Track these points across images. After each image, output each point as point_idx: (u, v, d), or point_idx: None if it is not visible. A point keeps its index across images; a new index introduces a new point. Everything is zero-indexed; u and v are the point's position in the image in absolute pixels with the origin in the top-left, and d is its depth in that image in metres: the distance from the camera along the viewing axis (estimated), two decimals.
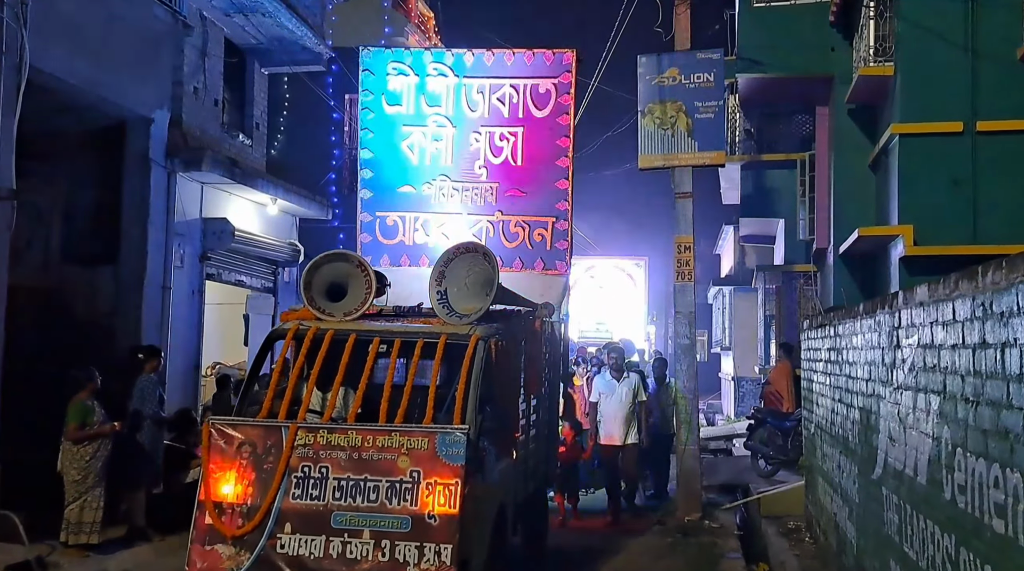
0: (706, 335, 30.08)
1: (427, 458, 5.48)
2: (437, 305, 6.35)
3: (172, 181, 10.95)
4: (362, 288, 6.48)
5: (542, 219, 9.27)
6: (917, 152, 10.89)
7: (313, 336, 6.25)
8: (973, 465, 3.53)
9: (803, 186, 15.53)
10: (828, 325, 7.87)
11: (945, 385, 3.96)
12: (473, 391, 5.77)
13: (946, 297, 3.99)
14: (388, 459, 5.53)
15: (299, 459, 5.61)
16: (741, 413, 19.79)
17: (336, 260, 6.67)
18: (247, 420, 5.95)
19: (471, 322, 6.22)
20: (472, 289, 6.42)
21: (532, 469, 7.67)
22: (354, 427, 5.76)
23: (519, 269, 9.12)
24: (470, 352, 5.91)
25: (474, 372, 5.84)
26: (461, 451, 5.45)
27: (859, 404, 6.15)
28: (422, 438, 5.54)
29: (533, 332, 7.38)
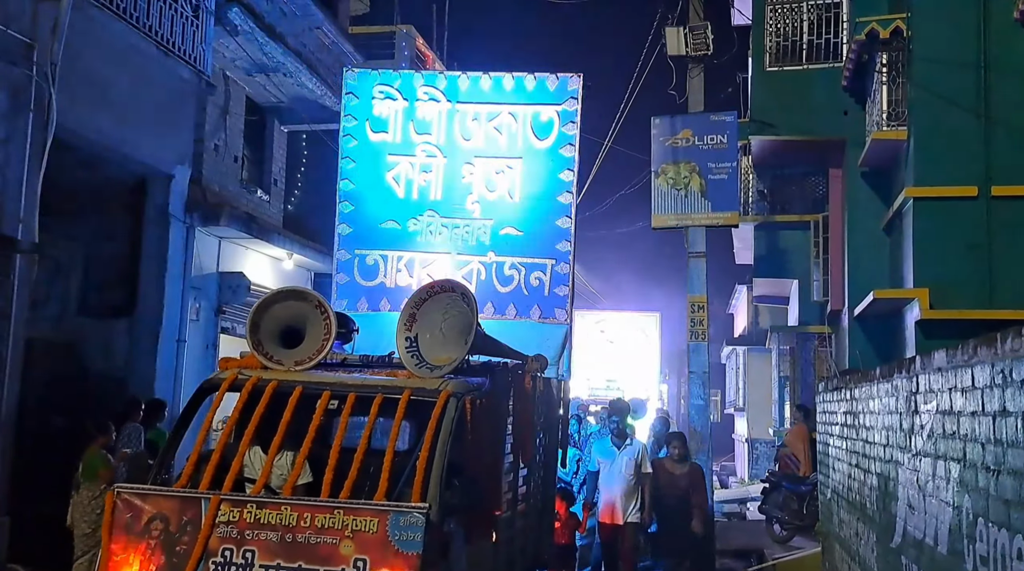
0: (719, 395, 29.89)
1: (376, 544, 4.46)
2: (405, 354, 5.42)
3: (190, 235, 11.08)
4: (320, 333, 5.55)
5: (540, 261, 8.31)
6: (932, 216, 10.91)
7: (252, 388, 5.28)
8: (995, 536, 3.47)
9: (816, 247, 15.55)
10: (844, 388, 7.80)
11: (965, 452, 3.91)
12: (439, 460, 4.80)
13: (964, 363, 3.96)
14: (328, 543, 4.50)
15: (220, 540, 4.57)
16: (755, 475, 19.55)
17: (290, 298, 5.69)
18: (159, 490, 4.88)
19: (443, 375, 5.30)
20: (449, 336, 5.53)
21: (520, 551, 6.66)
22: (288, 502, 4.70)
23: (513, 317, 8.21)
24: (437, 411, 4.95)
25: (441, 436, 4.88)
26: (418, 536, 4.44)
27: (877, 470, 6.07)
28: (371, 518, 4.51)
29: (522, 389, 6.36)
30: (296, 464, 5.03)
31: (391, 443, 4.92)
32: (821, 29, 14.11)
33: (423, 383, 5.24)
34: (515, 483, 6.40)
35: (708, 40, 13.26)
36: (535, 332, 7.98)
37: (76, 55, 8.62)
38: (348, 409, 5.09)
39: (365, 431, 4.94)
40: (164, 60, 10.23)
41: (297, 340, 5.57)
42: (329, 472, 4.82)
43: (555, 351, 7.95)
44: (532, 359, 6.48)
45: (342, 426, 5.02)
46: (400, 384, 5.26)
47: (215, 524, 4.60)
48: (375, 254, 8.53)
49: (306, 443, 5.01)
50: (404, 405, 5.03)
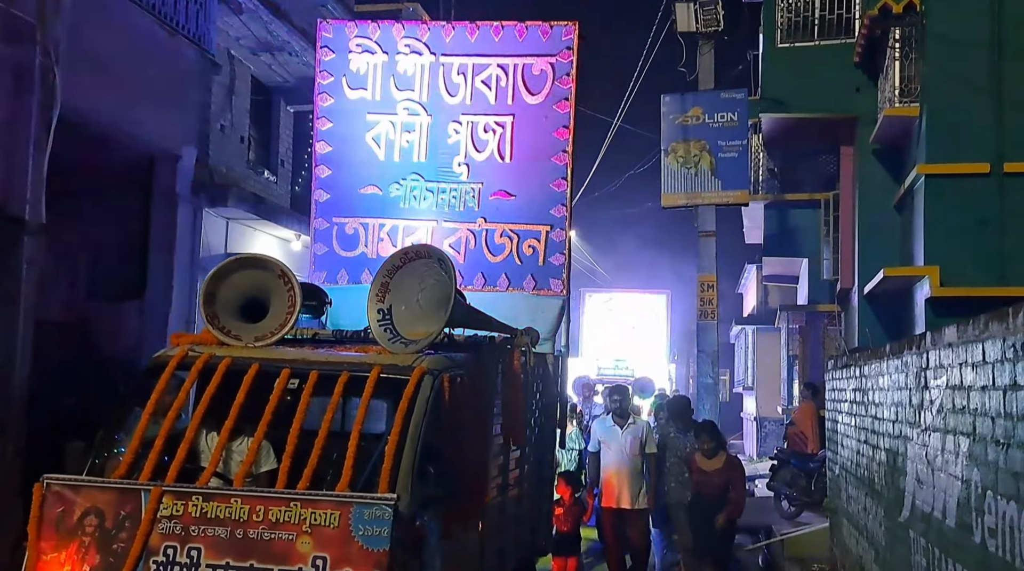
0: (728, 374, 29.87)
1: (338, 540, 3.99)
2: (377, 328, 4.93)
3: (198, 217, 11.08)
4: (284, 306, 5.03)
5: (534, 228, 7.68)
6: (943, 193, 10.83)
7: (203, 366, 4.80)
8: (1004, 508, 3.46)
9: (827, 226, 15.45)
10: (853, 365, 7.78)
11: (975, 427, 3.89)
12: (411, 444, 4.31)
13: (975, 338, 3.93)
14: (284, 540, 4.03)
15: (162, 537, 4.09)
16: (763, 453, 19.55)
17: (250, 267, 5.16)
18: (93, 481, 4.35)
19: (418, 351, 4.81)
20: (426, 308, 5.04)
21: (513, 540, 6.20)
22: (239, 493, 4.20)
23: (505, 289, 7.59)
24: (410, 390, 4.48)
25: (414, 418, 4.40)
26: (385, 531, 3.96)
27: (885, 445, 6.06)
28: (331, 511, 4.04)
29: (512, 365, 5.85)
30: (250, 450, 4.52)
31: (356, 426, 4.44)
32: (833, 4, 13.97)
33: (395, 359, 4.76)
34: (505, 467, 5.93)
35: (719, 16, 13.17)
36: (529, 305, 7.41)
37: (80, 35, 8.58)
38: (309, 389, 4.58)
39: (327, 413, 4.46)
40: (168, 40, 10.18)
41: (260, 314, 5.07)
42: (286, 459, 4.36)
43: (551, 325, 7.40)
44: (522, 333, 5.98)
45: (301, 407, 4.53)
46: (369, 361, 4.78)
47: (156, 519, 4.12)
48: (355, 222, 7.90)
49: (261, 427, 4.51)
50: (372, 384, 4.58)
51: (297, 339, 5.41)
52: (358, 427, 4.44)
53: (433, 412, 4.55)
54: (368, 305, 4.98)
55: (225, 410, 4.59)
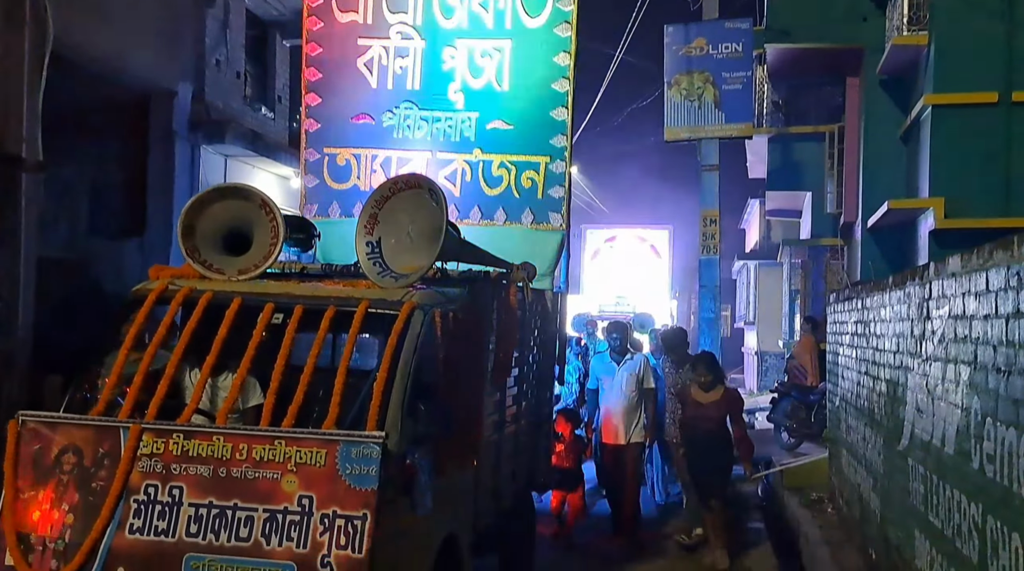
0: (730, 310, 29.95)
1: (324, 479, 3.91)
2: (366, 262, 4.79)
3: (196, 154, 11.00)
4: (267, 238, 4.88)
5: (533, 159, 7.36)
6: (950, 123, 10.70)
7: (184, 300, 4.66)
8: (1003, 435, 3.48)
9: (831, 159, 15.32)
10: (855, 298, 7.79)
11: (976, 355, 3.90)
12: (400, 381, 4.20)
13: (979, 267, 3.92)
14: (268, 479, 3.95)
15: (142, 475, 4.02)
16: (764, 388, 19.71)
17: (230, 197, 4.97)
18: (71, 417, 4.25)
19: (408, 285, 4.67)
20: (418, 241, 4.86)
21: (510, 476, 6.13)
22: (221, 431, 4.12)
23: (502, 223, 7.35)
24: (399, 325, 4.33)
25: (403, 354, 4.27)
26: (373, 469, 3.88)
27: (886, 376, 6.09)
28: (317, 450, 3.96)
29: (507, 301, 5.64)
30: (233, 386, 4.38)
31: (343, 362, 4.31)
32: None
33: (385, 294, 4.61)
34: (501, 404, 5.80)
35: None
36: (527, 239, 7.22)
37: None
38: (294, 324, 4.45)
39: (313, 349, 4.33)
40: None
41: (243, 247, 4.91)
42: (271, 396, 4.24)
43: (549, 260, 7.22)
44: (518, 268, 5.77)
45: (286, 342, 4.38)
46: (356, 295, 4.64)
47: (136, 457, 4.03)
48: (346, 153, 7.58)
49: (244, 362, 4.37)
50: (360, 319, 4.44)
51: (285, 273, 5.28)
52: (345, 363, 4.31)
53: (424, 348, 4.40)
54: (356, 238, 4.85)
55: (209, 346, 4.46)
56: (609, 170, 31.72)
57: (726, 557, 7.27)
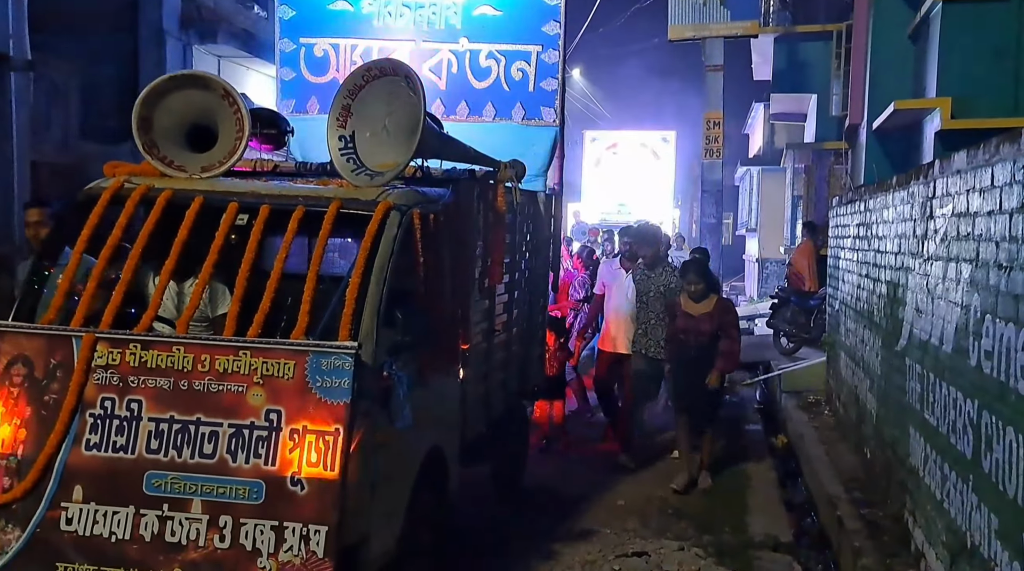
0: (732, 218, 29.82)
1: (293, 392, 3.68)
2: (339, 158, 4.44)
3: (188, 54, 10.77)
4: (233, 132, 4.50)
5: (524, 48, 6.94)
6: (960, 20, 10.38)
7: (141, 200, 4.27)
8: (1002, 330, 3.48)
9: (838, 59, 14.97)
10: (859, 200, 7.71)
11: (978, 252, 3.87)
12: (374, 287, 3.92)
13: (985, 162, 3.85)
14: (233, 392, 3.71)
15: (98, 388, 3.76)
16: (764, 294, 19.78)
17: (188, 86, 4.54)
18: (19, 326, 3.98)
19: (384, 183, 4.35)
20: (396, 135, 4.48)
21: (500, 384, 5.89)
22: (182, 340, 3.85)
23: (492, 119, 6.96)
24: (373, 227, 4.03)
25: (379, 258, 3.98)
26: (345, 382, 3.64)
27: (886, 278, 6.08)
28: (285, 361, 3.71)
29: (494, 202, 5.30)
30: (193, 293, 4.09)
31: (312, 267, 4.01)
32: None
33: (359, 193, 4.29)
34: (490, 311, 5.52)
35: None
36: (518, 136, 6.81)
37: None
38: (260, 225, 4.11)
39: (280, 253, 4.06)
40: None
41: (209, 143, 4.54)
42: (234, 304, 3.96)
43: (542, 159, 6.83)
44: (506, 166, 5.35)
45: (251, 245, 4.06)
46: (328, 194, 4.31)
47: (91, 368, 3.77)
48: (324, 43, 7.12)
49: (206, 267, 4.07)
50: (331, 220, 4.10)
51: (256, 172, 4.99)
52: (315, 268, 4.00)
53: (402, 251, 4.13)
54: (328, 131, 4.46)
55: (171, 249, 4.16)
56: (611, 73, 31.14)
57: (709, 479, 6.86)
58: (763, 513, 6.26)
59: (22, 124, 8.08)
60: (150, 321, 4.00)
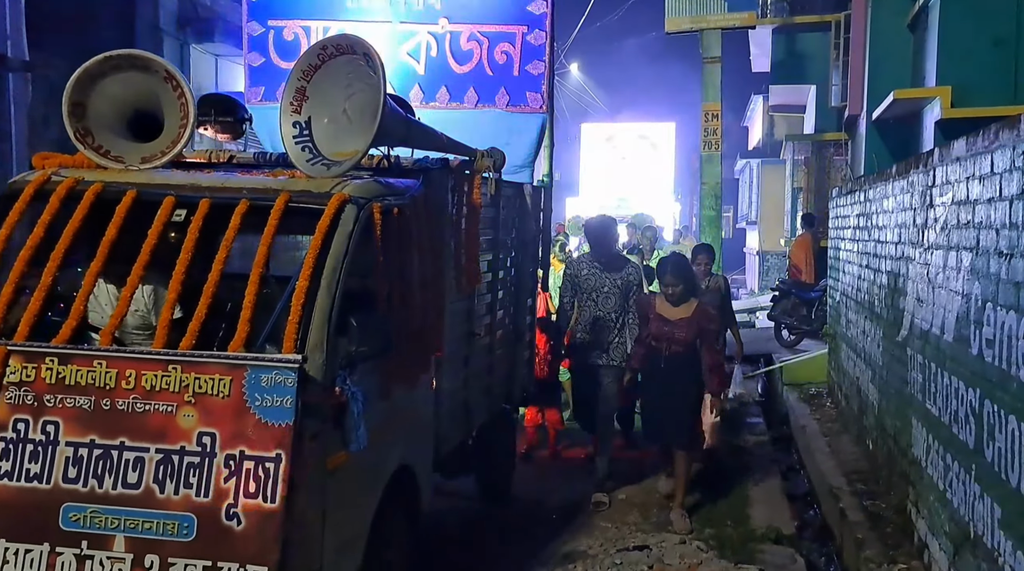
0: (732, 211, 29.79)
1: (229, 412, 3.22)
2: (293, 147, 4.01)
3: (185, 53, 10.74)
4: (177, 119, 4.07)
5: (507, 29, 6.49)
6: (959, 9, 10.34)
7: (68, 194, 3.81)
8: (1003, 318, 3.46)
9: (837, 50, 14.93)
10: (858, 191, 7.69)
11: (978, 240, 3.85)
12: (326, 291, 3.48)
13: (985, 149, 3.83)
14: (161, 412, 3.25)
15: (10, 408, 3.32)
16: (765, 287, 19.77)
17: (126, 68, 4.04)
18: None
19: (340, 174, 3.92)
20: (358, 122, 4.03)
21: (483, 391, 5.47)
22: (105, 353, 3.37)
23: (474, 105, 6.53)
24: (324, 223, 3.59)
25: (331, 258, 3.54)
26: (288, 400, 3.19)
27: (887, 268, 6.06)
28: (221, 376, 3.25)
29: (470, 195, 4.81)
30: (121, 299, 3.59)
31: (255, 269, 3.52)
32: None
33: (311, 185, 3.86)
34: (471, 314, 5.14)
35: None
36: (503, 124, 6.37)
37: None
38: (198, 221, 3.65)
39: (220, 253, 3.58)
40: None
41: (154, 131, 4.12)
42: (166, 310, 3.49)
43: (529, 148, 6.40)
44: (482, 154, 4.89)
45: (187, 245, 3.61)
46: (276, 186, 3.85)
47: (3, 385, 3.34)
48: (294, 25, 6.75)
49: (136, 270, 3.58)
50: (278, 215, 3.64)
51: (209, 163, 4.58)
52: (257, 269, 3.52)
53: (360, 249, 3.68)
54: (281, 117, 4.03)
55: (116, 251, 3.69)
56: (609, 66, 31.08)
57: (686, 520, 5.70)
58: (765, 505, 6.24)
59: (20, 124, 8.07)
60: (70, 331, 3.50)
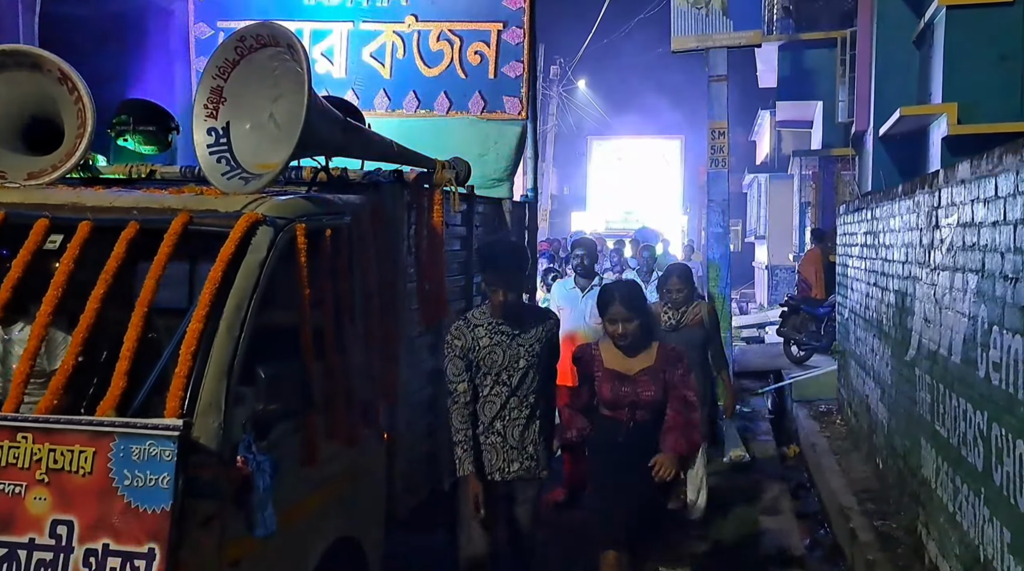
0: (740, 224, 29.79)
1: (91, 494, 2.54)
2: (207, 158, 3.38)
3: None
4: (75, 127, 3.58)
5: (482, 26, 5.91)
6: (964, 25, 10.38)
7: None
8: (1009, 342, 3.46)
9: (843, 66, 14.97)
10: (865, 208, 7.70)
11: (984, 263, 3.86)
12: (226, 335, 2.81)
13: (989, 173, 3.84)
14: (5, 494, 2.58)
15: None
16: (774, 302, 19.73)
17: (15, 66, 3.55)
18: None
19: (257, 190, 3.26)
20: (287, 128, 3.35)
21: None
22: None
23: (445, 112, 5.94)
24: (228, 250, 2.93)
25: (236, 292, 2.88)
26: (166, 478, 2.51)
27: (895, 287, 6.06)
28: (81, 448, 2.56)
29: (429, 213, 4.13)
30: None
31: (138, 308, 2.86)
32: None
33: (218, 203, 3.21)
34: (438, 349, 4.26)
35: None
36: (478, 133, 5.77)
37: None
38: (76, 247, 3.03)
39: (97, 288, 2.91)
40: None
41: (54, 142, 3.62)
42: (23, 363, 2.84)
43: (507, 159, 5.75)
44: (443, 165, 4.25)
45: (58, 279, 2.97)
46: (174, 205, 3.20)
47: None
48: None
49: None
50: (173, 239, 2.99)
51: (129, 180, 3.96)
52: (141, 309, 2.85)
53: (277, 280, 3.04)
54: (194, 123, 3.43)
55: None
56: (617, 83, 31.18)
57: None
58: (775, 525, 6.23)
59: None
60: None
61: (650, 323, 4.20)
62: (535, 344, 4.10)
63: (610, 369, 4.02)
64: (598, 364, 4.06)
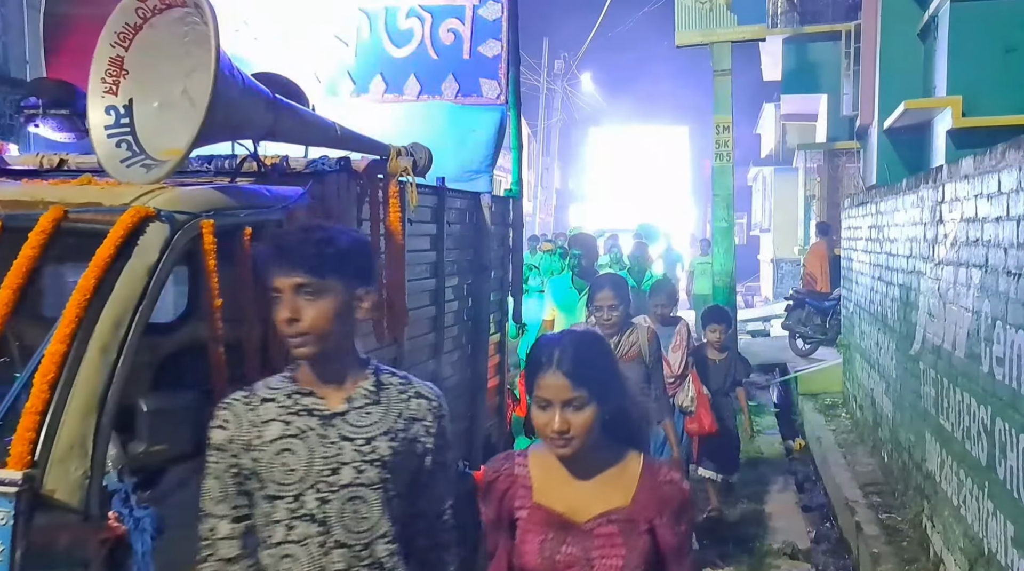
0: (745, 218, 29.77)
1: None
2: (103, 142, 2.87)
3: None
4: None
5: (454, 2, 5.19)
6: (969, 18, 10.36)
7: None
8: (1012, 337, 3.49)
9: (848, 59, 14.95)
10: (870, 203, 7.72)
11: (987, 258, 3.88)
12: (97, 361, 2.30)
13: (992, 168, 3.86)
14: None
15: None
16: (779, 295, 19.74)
17: None
18: None
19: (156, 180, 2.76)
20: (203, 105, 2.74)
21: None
22: None
23: (415, 97, 5.23)
24: (105, 254, 2.41)
25: (112, 305, 2.37)
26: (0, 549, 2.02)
27: (899, 281, 6.08)
28: None
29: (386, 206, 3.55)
30: None
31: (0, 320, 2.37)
32: None
33: (103, 196, 2.67)
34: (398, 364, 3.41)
35: None
36: (452, 119, 5.15)
37: None
38: None
39: None
40: None
41: None
42: None
43: (486, 148, 5.14)
44: (398, 152, 3.68)
45: None
46: (49, 198, 2.65)
47: None
48: None
49: None
50: (42, 239, 2.47)
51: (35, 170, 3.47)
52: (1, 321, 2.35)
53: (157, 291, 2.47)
54: (89, 100, 2.92)
55: None
56: (621, 75, 31.18)
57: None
58: (781, 519, 6.26)
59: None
60: None
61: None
62: (381, 439, 2.05)
63: (542, 508, 2.05)
64: (523, 495, 2.08)
